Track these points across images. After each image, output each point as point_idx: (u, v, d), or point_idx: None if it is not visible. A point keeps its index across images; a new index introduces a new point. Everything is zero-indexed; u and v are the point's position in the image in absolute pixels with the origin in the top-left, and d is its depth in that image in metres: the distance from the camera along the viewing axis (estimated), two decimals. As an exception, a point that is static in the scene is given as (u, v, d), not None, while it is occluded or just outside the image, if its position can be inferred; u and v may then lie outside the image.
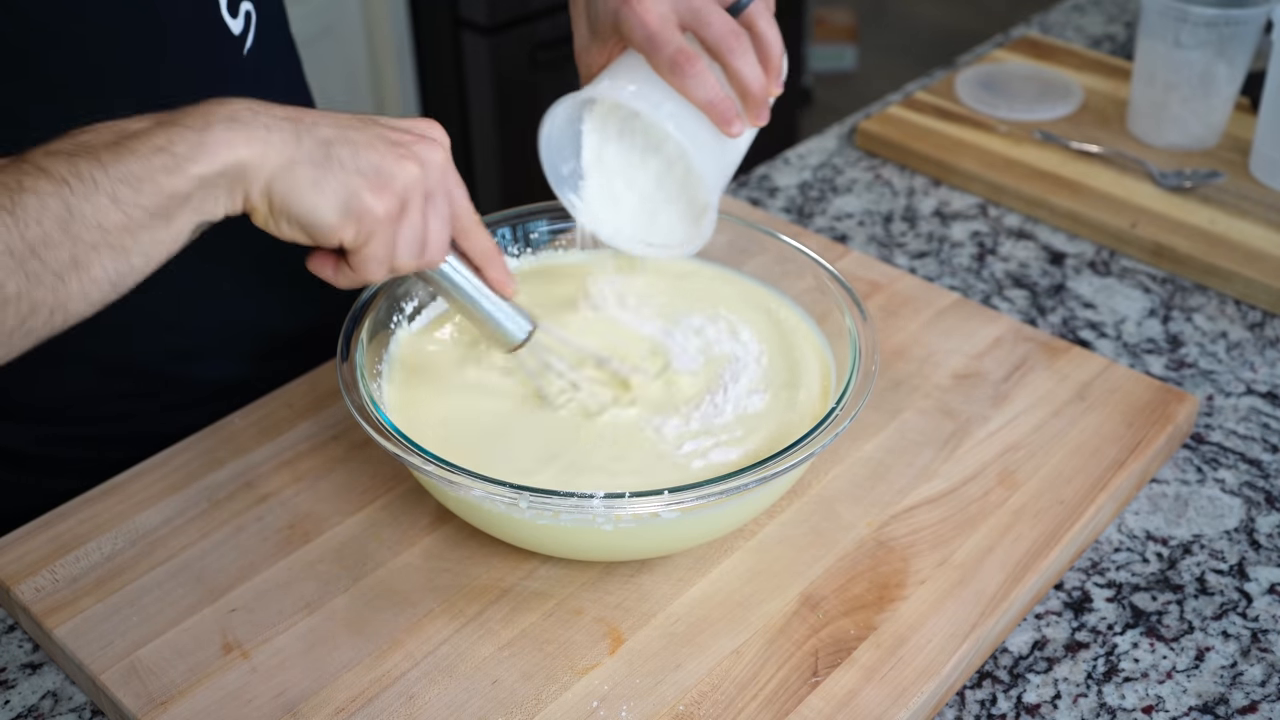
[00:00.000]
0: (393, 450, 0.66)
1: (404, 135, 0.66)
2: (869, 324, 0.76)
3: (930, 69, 1.43)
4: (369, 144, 0.63)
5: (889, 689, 0.66)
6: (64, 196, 0.55)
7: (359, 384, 0.71)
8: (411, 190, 0.64)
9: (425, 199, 0.66)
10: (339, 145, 0.62)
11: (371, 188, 0.63)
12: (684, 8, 0.72)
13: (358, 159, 0.63)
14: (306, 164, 0.61)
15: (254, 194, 0.61)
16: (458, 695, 0.66)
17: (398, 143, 0.65)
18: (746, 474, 0.65)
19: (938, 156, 1.19)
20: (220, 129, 0.59)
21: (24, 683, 0.71)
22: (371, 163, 0.63)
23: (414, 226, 0.66)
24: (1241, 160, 1.15)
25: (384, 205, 0.63)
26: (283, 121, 0.61)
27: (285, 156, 0.60)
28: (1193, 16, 1.11)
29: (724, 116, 0.73)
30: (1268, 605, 0.76)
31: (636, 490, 0.66)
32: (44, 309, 0.56)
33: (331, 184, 0.62)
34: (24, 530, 0.76)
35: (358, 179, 0.62)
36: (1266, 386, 0.93)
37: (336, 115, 0.65)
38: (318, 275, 0.67)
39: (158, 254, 0.59)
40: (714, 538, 0.73)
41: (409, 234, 0.65)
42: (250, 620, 0.70)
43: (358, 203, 0.62)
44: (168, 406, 0.89)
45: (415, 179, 0.64)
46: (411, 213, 0.65)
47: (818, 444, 0.67)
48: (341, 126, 0.63)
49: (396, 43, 2.21)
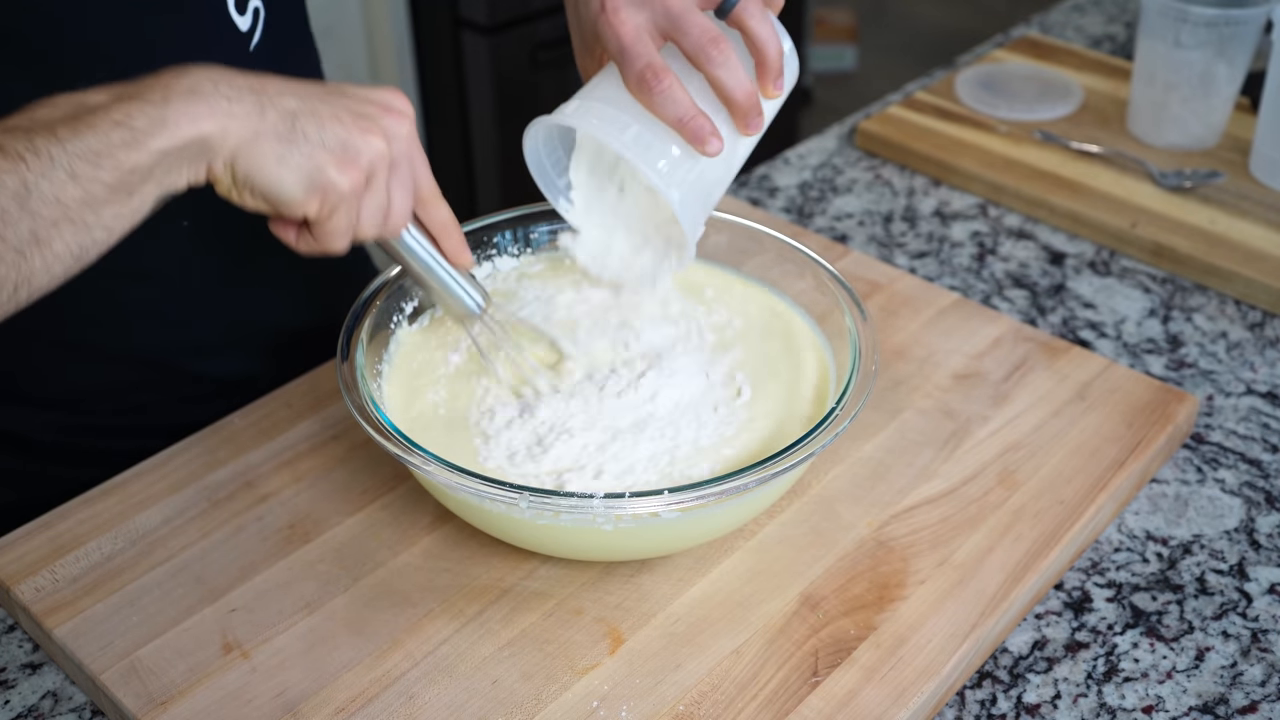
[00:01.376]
0: (393, 450, 0.66)
1: (369, 107, 0.65)
2: (869, 324, 0.76)
3: (930, 69, 1.43)
4: (334, 117, 0.62)
5: (889, 689, 0.66)
6: (21, 173, 0.54)
7: (359, 384, 0.71)
8: (377, 164, 0.64)
9: (390, 171, 0.65)
10: (304, 118, 0.61)
11: (337, 163, 0.62)
12: (661, 16, 0.70)
13: (323, 133, 0.62)
14: (271, 138, 0.60)
15: (217, 166, 0.60)
16: (458, 695, 0.66)
17: (363, 115, 0.64)
18: (747, 474, 0.65)
19: (938, 156, 1.19)
20: (180, 102, 0.58)
21: (24, 683, 0.71)
22: (337, 137, 0.62)
23: (378, 199, 0.65)
24: (1241, 160, 1.15)
25: (349, 180, 0.63)
26: (245, 92, 0.60)
27: (249, 129, 0.59)
28: (1193, 16, 1.11)
29: (696, 135, 0.70)
30: (1268, 605, 0.76)
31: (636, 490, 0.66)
32: (7, 284, 0.55)
33: (296, 159, 0.61)
34: (24, 530, 0.76)
35: (323, 154, 0.62)
36: (1266, 386, 0.93)
37: (301, 85, 0.63)
38: (280, 239, 0.67)
39: (120, 226, 0.58)
40: (714, 537, 0.73)
41: (373, 206, 0.65)
42: (250, 620, 0.70)
43: (323, 178, 0.62)
44: (181, 399, 0.89)
45: (380, 153, 0.64)
46: (376, 185, 0.65)
47: (818, 444, 0.67)
48: (306, 98, 0.62)
49: (396, 43, 2.21)
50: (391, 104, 0.66)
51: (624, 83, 0.71)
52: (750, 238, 0.86)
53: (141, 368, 0.87)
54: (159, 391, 0.89)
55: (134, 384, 0.88)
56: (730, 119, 0.72)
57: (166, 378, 0.89)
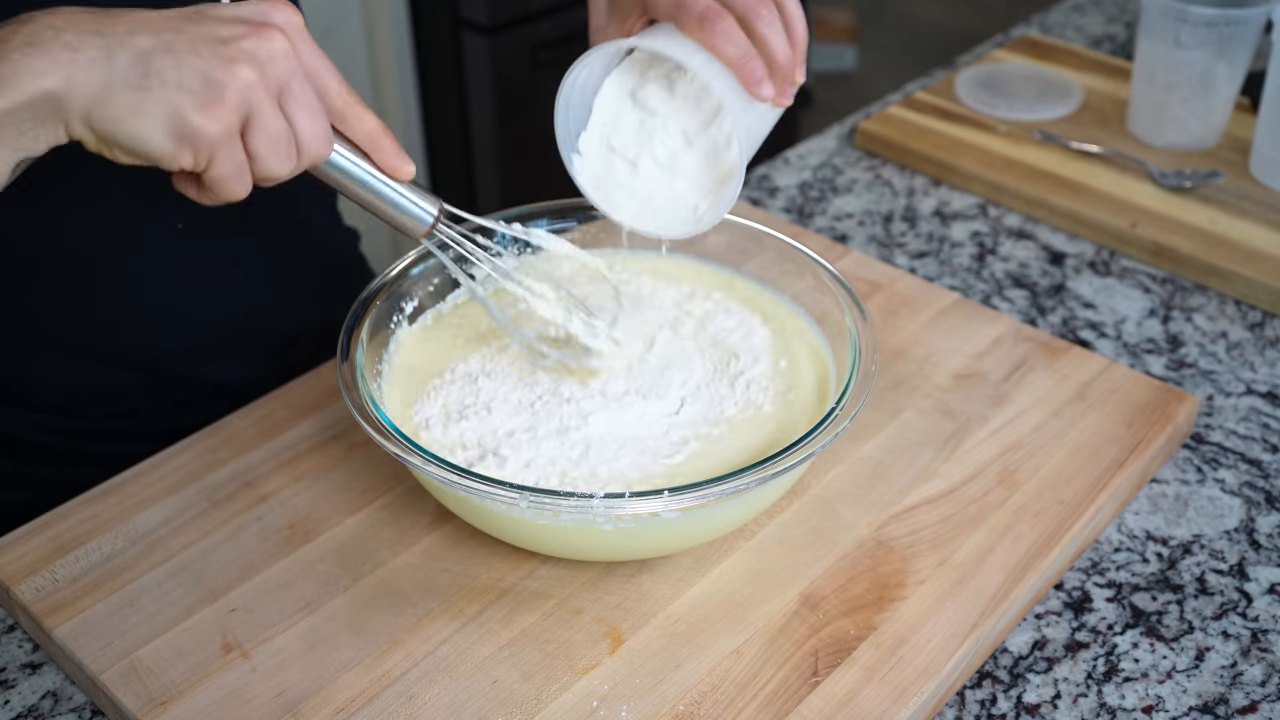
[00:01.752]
0: (393, 450, 0.66)
1: (236, 28, 0.57)
2: (869, 324, 0.76)
3: (930, 69, 1.43)
4: (192, 49, 0.55)
5: (889, 689, 0.66)
6: None
7: (359, 384, 0.71)
8: (251, 95, 0.57)
9: (279, 96, 0.58)
10: (158, 56, 0.55)
11: (200, 105, 0.55)
12: None
13: (181, 71, 0.55)
14: (122, 86, 0.54)
15: (74, 125, 0.55)
16: (458, 695, 0.66)
17: (227, 40, 0.56)
18: (746, 474, 0.65)
19: (938, 156, 1.19)
20: (18, 55, 0.53)
21: (24, 683, 0.71)
22: (197, 72, 0.55)
23: (269, 131, 0.58)
24: (1241, 160, 1.15)
25: (218, 123, 0.56)
26: (90, 36, 0.54)
27: (98, 80, 0.54)
28: (1193, 16, 1.11)
29: (753, 75, 0.70)
30: (1267, 605, 0.76)
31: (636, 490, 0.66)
32: None
33: (153, 107, 0.55)
34: (24, 530, 0.76)
35: (182, 97, 0.55)
36: (1266, 386, 0.93)
37: (157, 15, 0.57)
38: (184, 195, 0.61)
39: None
40: (715, 537, 0.73)
41: (264, 141, 0.58)
42: (250, 620, 0.70)
43: (186, 125, 0.55)
44: (174, 403, 0.89)
45: (249, 83, 0.56)
46: (260, 118, 0.57)
47: (818, 444, 0.68)
48: (161, 31, 0.56)
49: (396, 43, 2.21)
50: (263, 16, 0.59)
51: (682, 27, 0.71)
52: (750, 238, 0.86)
53: (134, 372, 0.86)
54: (152, 396, 0.88)
55: (126, 388, 0.87)
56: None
57: (159, 382, 0.88)
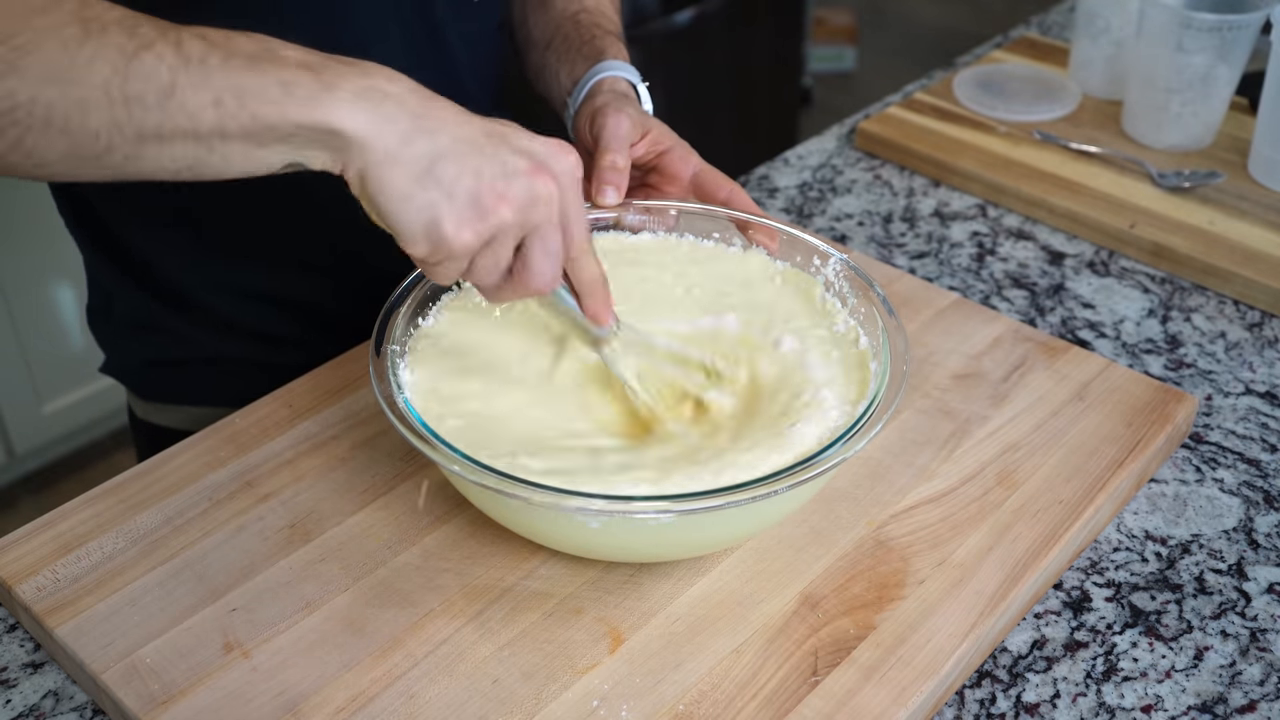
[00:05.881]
0: (419, 446, 0.66)
1: (521, 161, 0.63)
2: (898, 325, 0.76)
3: (929, 70, 1.43)
4: (476, 170, 0.61)
5: (889, 688, 0.66)
6: (177, 75, 0.57)
7: (389, 377, 0.71)
8: (501, 231, 0.63)
9: (530, 233, 0.64)
10: (447, 161, 0.61)
11: (456, 220, 0.61)
12: None
13: (458, 183, 0.61)
14: (404, 171, 0.60)
15: (349, 169, 0.61)
16: (458, 695, 0.66)
17: (509, 173, 0.62)
18: (777, 479, 0.65)
19: (937, 157, 1.19)
20: (344, 93, 0.59)
21: (25, 682, 0.71)
22: (469, 191, 0.61)
23: (498, 259, 0.64)
24: (1240, 160, 1.16)
25: (465, 239, 0.62)
26: (406, 115, 0.60)
27: (386, 152, 0.60)
28: (1196, 22, 1.11)
29: None
30: (1266, 605, 0.76)
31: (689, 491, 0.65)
32: (118, 153, 0.58)
33: (420, 201, 0.61)
34: (25, 530, 0.76)
35: (447, 205, 0.61)
36: (1265, 386, 0.93)
37: (466, 121, 0.63)
38: None
39: (239, 165, 0.60)
40: (738, 542, 0.73)
41: (488, 265, 0.64)
42: (251, 620, 0.70)
43: (436, 230, 0.61)
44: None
45: (507, 223, 0.63)
46: (495, 248, 0.64)
47: (850, 449, 0.67)
48: (460, 138, 0.62)
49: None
50: (550, 162, 0.64)
51: None
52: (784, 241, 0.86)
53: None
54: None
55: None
56: None
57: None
